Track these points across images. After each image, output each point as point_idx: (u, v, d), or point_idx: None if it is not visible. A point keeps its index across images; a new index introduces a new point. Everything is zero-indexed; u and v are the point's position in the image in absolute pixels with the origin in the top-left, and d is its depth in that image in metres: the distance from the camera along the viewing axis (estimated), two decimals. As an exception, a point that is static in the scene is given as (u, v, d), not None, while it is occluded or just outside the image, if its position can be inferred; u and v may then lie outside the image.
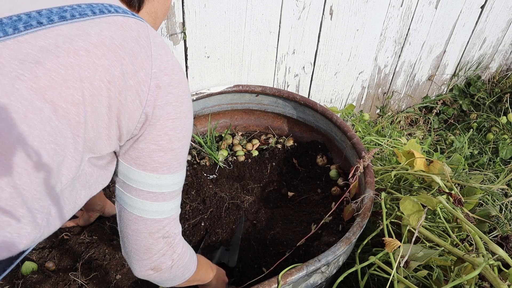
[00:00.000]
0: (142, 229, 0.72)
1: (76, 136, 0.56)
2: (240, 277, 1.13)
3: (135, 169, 0.68)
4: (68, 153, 0.56)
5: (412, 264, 1.04)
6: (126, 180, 0.70)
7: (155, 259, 0.74)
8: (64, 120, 0.54)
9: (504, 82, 2.56)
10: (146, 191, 0.69)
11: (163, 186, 0.70)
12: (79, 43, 0.54)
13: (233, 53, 1.46)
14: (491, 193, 1.50)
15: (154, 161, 0.67)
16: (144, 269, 0.75)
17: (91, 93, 0.55)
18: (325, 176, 1.42)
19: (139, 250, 0.73)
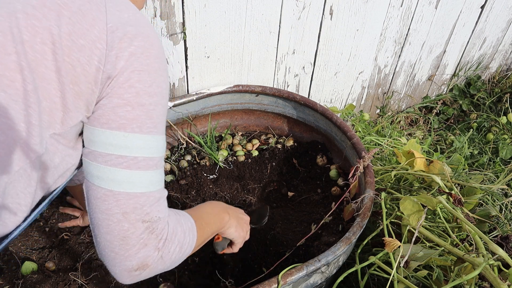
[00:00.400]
0: (113, 208, 0.58)
1: (28, 107, 0.51)
2: (240, 277, 1.13)
3: (99, 129, 0.58)
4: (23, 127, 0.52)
5: (412, 264, 1.04)
6: (90, 146, 0.59)
7: (133, 252, 0.59)
8: (11, 90, 0.50)
9: (504, 82, 2.56)
10: (114, 155, 0.58)
11: (134, 148, 0.59)
12: (16, 6, 0.51)
13: (233, 53, 1.46)
14: (491, 193, 1.50)
15: (120, 117, 0.58)
16: (126, 272, 0.60)
17: (33, 58, 0.51)
18: (325, 176, 1.42)
19: (113, 242, 0.58)
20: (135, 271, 0.60)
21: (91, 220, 0.61)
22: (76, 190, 1.06)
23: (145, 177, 0.60)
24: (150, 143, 0.60)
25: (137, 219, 0.59)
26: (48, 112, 0.54)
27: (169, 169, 1.43)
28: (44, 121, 0.54)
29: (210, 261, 1.16)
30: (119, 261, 0.59)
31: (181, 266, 1.14)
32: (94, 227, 0.60)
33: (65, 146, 0.61)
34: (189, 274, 1.13)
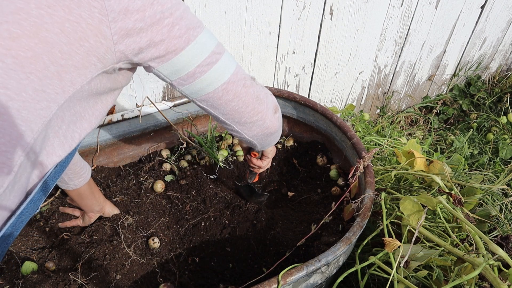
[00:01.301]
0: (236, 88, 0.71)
1: (29, 74, 0.51)
2: (240, 277, 1.13)
3: (176, 57, 0.65)
4: (28, 96, 0.52)
5: (412, 264, 1.04)
6: (180, 73, 0.67)
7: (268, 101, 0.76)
8: (9, 58, 0.49)
9: (504, 82, 2.56)
10: (203, 62, 0.67)
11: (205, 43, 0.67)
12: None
13: (233, 53, 1.46)
14: (491, 193, 1.50)
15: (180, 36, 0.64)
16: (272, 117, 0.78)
17: (31, 23, 0.50)
18: (325, 176, 1.42)
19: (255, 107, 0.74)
20: (275, 113, 0.80)
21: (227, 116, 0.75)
22: (73, 193, 1.06)
23: (227, 56, 0.71)
24: (208, 35, 0.69)
25: (251, 81, 0.73)
26: (57, 76, 0.54)
27: (169, 169, 1.43)
28: (55, 85, 0.54)
29: (210, 261, 1.16)
30: (265, 114, 0.77)
31: (181, 266, 1.14)
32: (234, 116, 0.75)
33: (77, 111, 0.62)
34: (189, 274, 1.13)
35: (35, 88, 0.52)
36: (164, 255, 1.16)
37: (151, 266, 1.12)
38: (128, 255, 1.13)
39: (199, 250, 1.18)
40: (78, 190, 1.04)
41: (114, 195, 1.29)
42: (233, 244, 1.20)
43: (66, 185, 1.01)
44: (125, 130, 1.37)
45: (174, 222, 1.25)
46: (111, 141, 1.37)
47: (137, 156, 1.46)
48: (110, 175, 1.38)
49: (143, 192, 1.31)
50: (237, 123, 0.78)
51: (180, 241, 1.20)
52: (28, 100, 0.52)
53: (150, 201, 1.28)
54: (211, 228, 1.24)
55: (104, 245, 1.14)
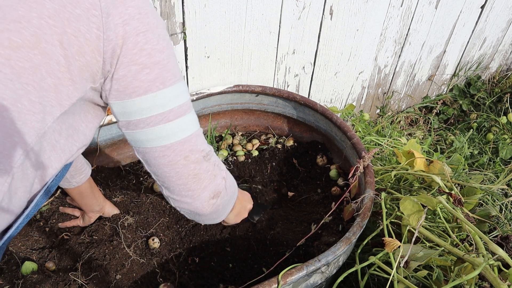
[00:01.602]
0: (174, 158, 0.65)
1: (26, 85, 0.50)
2: (240, 277, 1.13)
3: (129, 100, 0.61)
4: (23, 107, 0.51)
5: (412, 264, 1.04)
6: (128, 118, 0.63)
7: (207, 183, 0.69)
8: (7, 68, 0.48)
9: (504, 82, 2.56)
10: (154, 116, 0.62)
11: (167, 102, 0.63)
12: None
13: (233, 53, 1.45)
14: (491, 193, 1.50)
15: (143, 81, 0.60)
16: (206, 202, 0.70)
17: (32, 33, 0.50)
18: (325, 176, 1.42)
19: (187, 184, 0.67)
20: (212, 199, 0.71)
21: (158, 177, 0.68)
22: (74, 192, 1.06)
23: (186, 120, 0.66)
24: (177, 92, 0.64)
25: (198, 157, 0.67)
26: (53, 89, 0.53)
27: (169, 169, 1.43)
28: (51, 98, 0.53)
29: (210, 261, 1.16)
30: (197, 195, 0.68)
31: (181, 266, 1.14)
32: (164, 181, 0.68)
33: (71, 125, 0.61)
34: (189, 274, 1.13)
35: (31, 99, 0.51)
36: (164, 255, 1.16)
37: (151, 266, 1.12)
38: (128, 255, 1.13)
39: (199, 250, 1.18)
40: (79, 188, 1.04)
41: (114, 195, 1.29)
42: (233, 244, 1.20)
43: (68, 183, 1.01)
44: (125, 130, 1.37)
45: (174, 222, 1.25)
46: (111, 141, 1.37)
47: (137, 156, 1.46)
48: (110, 175, 1.38)
49: (143, 192, 1.31)
50: (165, 188, 0.71)
51: (180, 241, 1.20)
52: (23, 111, 0.51)
53: (150, 201, 1.28)
54: (211, 228, 1.24)
55: (104, 245, 1.14)
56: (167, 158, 0.65)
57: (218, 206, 0.73)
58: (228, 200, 0.77)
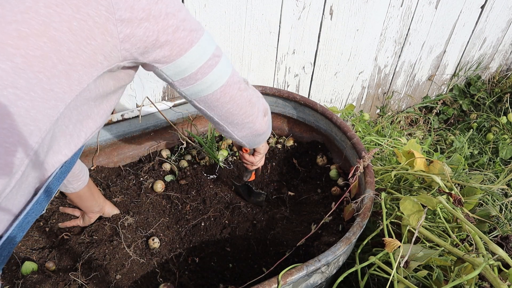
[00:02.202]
0: (232, 92, 0.74)
1: (38, 73, 0.51)
2: (240, 277, 1.13)
3: (180, 58, 0.67)
4: (36, 96, 0.52)
5: (412, 264, 1.04)
6: (183, 74, 0.69)
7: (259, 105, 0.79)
8: (18, 58, 0.49)
9: (504, 82, 2.56)
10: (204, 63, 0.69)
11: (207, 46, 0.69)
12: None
13: (233, 53, 1.46)
14: (491, 193, 1.50)
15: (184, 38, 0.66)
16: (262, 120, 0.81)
17: (40, 22, 0.50)
18: (325, 176, 1.42)
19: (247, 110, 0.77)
20: (265, 117, 0.82)
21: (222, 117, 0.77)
22: (72, 196, 1.06)
23: (225, 58, 0.73)
24: (208, 37, 0.71)
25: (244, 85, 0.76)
26: (65, 75, 0.54)
27: (169, 169, 1.43)
28: (63, 84, 0.55)
29: (210, 261, 1.16)
30: (256, 117, 0.79)
31: (181, 266, 1.14)
32: (228, 117, 0.77)
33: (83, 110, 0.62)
34: (189, 274, 1.13)
35: (44, 87, 0.52)
36: (164, 255, 1.16)
37: (151, 266, 1.12)
38: (128, 255, 1.13)
39: (199, 250, 1.18)
40: (78, 192, 1.04)
41: (114, 195, 1.29)
42: (233, 244, 1.20)
43: (65, 188, 1.01)
44: (125, 130, 1.37)
45: (174, 222, 1.25)
46: (111, 141, 1.37)
47: (137, 156, 1.46)
48: (110, 175, 1.38)
49: (143, 192, 1.31)
50: (229, 124, 0.80)
51: (180, 241, 1.20)
52: (36, 99, 0.52)
53: (150, 201, 1.28)
54: (211, 228, 1.24)
55: (104, 245, 1.14)
56: (228, 94, 0.74)
57: (268, 121, 0.85)
58: (269, 118, 0.88)
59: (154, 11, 0.60)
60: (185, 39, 0.66)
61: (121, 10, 0.57)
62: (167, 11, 0.62)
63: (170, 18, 0.63)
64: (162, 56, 0.65)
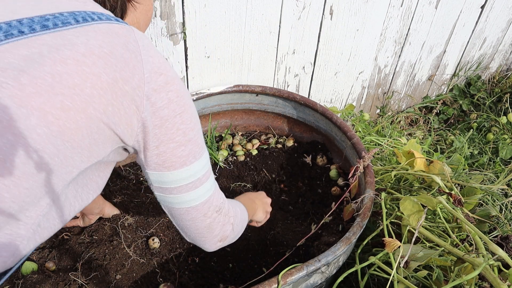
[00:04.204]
0: (196, 215, 0.76)
1: (66, 142, 0.55)
2: (240, 277, 1.13)
3: (167, 173, 0.70)
4: (58, 161, 0.55)
5: (412, 264, 1.04)
6: (163, 185, 0.72)
7: (217, 232, 0.81)
8: (54, 126, 0.53)
9: (504, 82, 2.56)
10: (185, 185, 0.72)
11: (197, 172, 0.73)
12: (65, 52, 0.53)
13: (233, 53, 1.46)
14: (491, 193, 1.50)
15: (180, 157, 0.69)
16: (213, 245, 0.84)
17: (83, 100, 0.54)
18: (325, 176, 1.42)
19: (202, 233, 0.80)
20: (219, 243, 0.84)
21: (178, 225, 0.80)
22: None
23: (210, 183, 0.77)
24: (204, 162, 0.75)
25: (213, 213, 0.78)
26: (88, 148, 0.59)
27: (169, 169, 1.43)
28: (84, 155, 0.59)
29: (210, 261, 1.16)
30: (208, 241, 0.82)
31: (181, 266, 1.14)
32: (182, 228, 0.80)
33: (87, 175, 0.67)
34: (189, 274, 1.13)
35: (67, 154, 0.56)
36: (164, 255, 1.16)
37: (151, 266, 1.12)
38: (128, 255, 1.13)
39: (199, 250, 1.18)
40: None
41: (114, 195, 1.29)
42: (233, 244, 1.20)
43: None
44: (125, 130, 1.37)
45: (174, 222, 1.25)
46: (111, 141, 1.37)
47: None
48: (110, 175, 1.38)
49: (143, 192, 1.31)
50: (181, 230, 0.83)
51: (180, 241, 1.20)
52: (58, 164, 0.56)
53: (150, 201, 1.28)
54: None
55: (104, 245, 1.14)
56: (191, 215, 0.76)
57: (223, 244, 0.86)
58: (235, 236, 0.89)
59: (169, 123, 0.66)
60: (180, 159, 0.69)
61: (146, 111, 0.63)
62: (180, 127, 0.67)
63: (178, 134, 0.68)
64: (154, 162, 0.69)
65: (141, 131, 0.64)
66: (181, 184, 0.72)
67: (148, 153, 0.67)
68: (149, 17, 0.80)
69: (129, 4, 0.74)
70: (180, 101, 0.67)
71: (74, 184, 0.64)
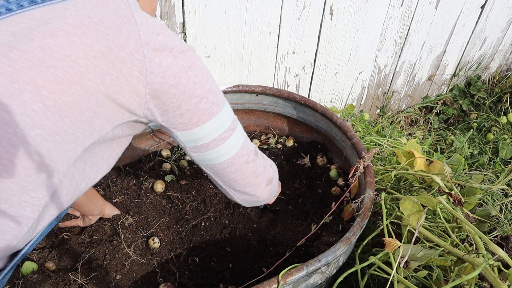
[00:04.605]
0: (239, 164, 0.76)
1: (65, 117, 0.53)
2: (240, 277, 1.13)
3: (196, 128, 0.69)
4: (59, 138, 0.54)
5: (412, 264, 1.04)
6: (196, 143, 0.71)
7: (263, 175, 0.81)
8: (50, 101, 0.51)
9: (504, 82, 2.56)
10: (219, 136, 0.71)
11: (225, 121, 0.72)
12: (54, 25, 0.52)
13: (233, 53, 1.46)
14: (491, 193, 1.50)
15: (205, 110, 0.68)
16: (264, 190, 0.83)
17: (76, 71, 0.53)
18: (325, 176, 1.42)
19: (250, 181, 0.79)
20: (267, 186, 0.84)
21: (225, 183, 0.79)
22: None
23: (239, 131, 0.76)
24: (228, 110, 0.74)
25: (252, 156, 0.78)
26: (89, 122, 0.57)
27: (169, 169, 1.43)
28: (85, 130, 0.57)
29: (210, 261, 1.16)
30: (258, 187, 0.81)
31: (181, 266, 1.14)
32: (231, 183, 0.79)
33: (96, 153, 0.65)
34: (189, 274, 1.13)
35: (67, 130, 0.54)
36: (164, 255, 1.16)
37: (151, 266, 1.12)
38: (128, 255, 1.13)
39: (199, 250, 1.18)
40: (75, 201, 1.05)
41: (114, 195, 1.29)
42: (233, 244, 1.20)
43: None
44: (125, 130, 1.37)
45: (174, 222, 1.25)
46: (111, 141, 1.37)
47: (137, 156, 1.46)
48: (110, 175, 1.38)
49: (143, 192, 1.31)
50: (232, 189, 0.83)
51: (180, 241, 1.20)
52: (58, 141, 0.54)
53: (150, 201, 1.28)
54: (211, 228, 1.24)
55: (104, 245, 1.14)
56: (235, 165, 0.76)
57: (271, 190, 0.86)
58: (276, 182, 0.89)
59: (184, 79, 0.64)
60: (206, 111, 0.68)
61: (153, 74, 0.60)
62: (195, 81, 0.66)
63: (196, 88, 0.66)
64: (180, 123, 0.68)
65: (151, 97, 0.62)
66: (215, 136, 0.71)
67: (169, 114, 0.66)
68: (153, 8, 0.78)
69: None
70: (185, 55, 0.65)
71: (82, 162, 0.62)
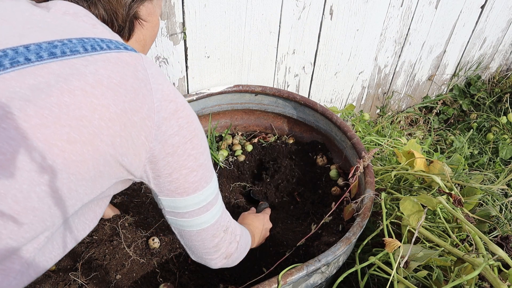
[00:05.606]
0: (205, 236, 0.78)
1: (71, 175, 0.53)
2: (240, 277, 1.13)
3: (180, 198, 0.70)
4: (62, 194, 0.54)
5: (412, 264, 1.04)
6: (175, 210, 0.72)
7: (223, 250, 0.83)
8: (60, 159, 0.51)
9: (504, 82, 2.56)
10: (197, 209, 0.73)
11: (208, 196, 0.74)
12: (73, 83, 0.52)
13: (233, 53, 1.46)
14: (491, 193, 1.50)
15: (192, 183, 0.70)
16: (219, 262, 0.85)
17: (90, 132, 0.53)
18: (325, 176, 1.42)
19: (209, 252, 0.81)
20: (224, 260, 0.85)
21: (187, 245, 0.82)
22: None
23: (218, 206, 0.78)
24: (214, 185, 0.76)
25: (221, 232, 0.80)
26: (93, 180, 0.57)
27: (169, 169, 1.43)
28: (88, 187, 0.57)
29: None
30: (214, 258, 0.83)
31: (181, 266, 1.14)
32: (191, 248, 0.82)
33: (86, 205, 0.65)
34: (189, 274, 1.13)
35: (71, 187, 0.54)
36: (164, 255, 1.16)
37: (151, 266, 1.12)
38: (128, 255, 1.13)
39: (199, 250, 1.18)
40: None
41: (114, 195, 1.29)
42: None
43: None
44: (125, 130, 1.37)
45: (174, 222, 1.25)
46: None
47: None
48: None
49: (143, 192, 1.31)
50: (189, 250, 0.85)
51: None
52: (61, 197, 0.54)
53: (150, 201, 1.28)
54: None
55: (104, 245, 1.14)
56: (201, 236, 0.78)
57: (227, 263, 0.87)
58: (239, 255, 0.90)
59: (181, 149, 0.65)
60: (193, 184, 0.70)
61: (157, 141, 0.61)
62: (191, 153, 0.67)
63: (190, 160, 0.68)
64: (167, 189, 0.69)
65: (149, 161, 0.63)
66: (194, 208, 0.73)
67: (160, 180, 0.67)
68: (155, 32, 0.79)
69: (137, 22, 0.73)
70: (190, 126, 0.67)
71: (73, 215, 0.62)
